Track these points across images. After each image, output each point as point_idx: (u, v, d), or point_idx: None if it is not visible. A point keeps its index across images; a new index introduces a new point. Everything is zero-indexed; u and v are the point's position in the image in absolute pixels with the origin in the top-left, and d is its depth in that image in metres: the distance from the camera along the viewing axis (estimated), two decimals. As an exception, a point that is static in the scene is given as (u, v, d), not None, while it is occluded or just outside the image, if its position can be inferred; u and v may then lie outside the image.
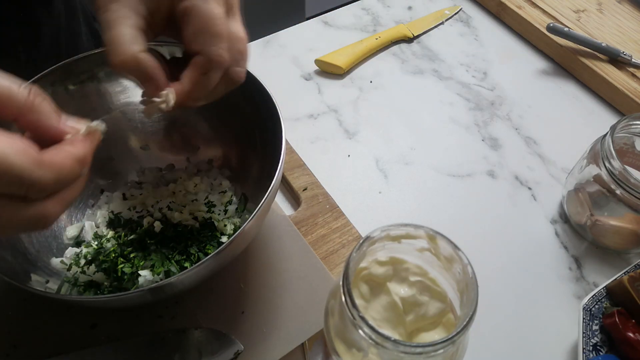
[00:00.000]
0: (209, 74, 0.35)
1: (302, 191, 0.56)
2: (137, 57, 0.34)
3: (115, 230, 0.48)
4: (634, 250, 0.54)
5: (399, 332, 0.35)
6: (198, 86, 0.36)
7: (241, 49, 0.37)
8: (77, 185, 0.30)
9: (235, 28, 0.36)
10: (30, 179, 0.26)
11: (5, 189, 0.26)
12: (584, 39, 0.70)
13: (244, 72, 0.38)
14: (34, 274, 0.42)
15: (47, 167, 0.27)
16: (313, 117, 0.65)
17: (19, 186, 0.26)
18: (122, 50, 0.34)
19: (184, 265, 0.45)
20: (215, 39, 0.35)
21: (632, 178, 0.46)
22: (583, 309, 0.46)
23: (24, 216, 0.27)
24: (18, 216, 0.27)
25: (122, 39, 0.34)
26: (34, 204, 0.28)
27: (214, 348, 0.43)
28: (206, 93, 0.37)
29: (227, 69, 0.36)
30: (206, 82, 0.36)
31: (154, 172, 0.53)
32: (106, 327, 0.45)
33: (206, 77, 0.35)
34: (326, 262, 0.50)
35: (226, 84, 0.37)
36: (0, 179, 0.25)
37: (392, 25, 0.77)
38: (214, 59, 0.35)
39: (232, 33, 0.36)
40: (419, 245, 0.35)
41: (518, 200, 0.58)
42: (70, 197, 0.30)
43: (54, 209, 0.29)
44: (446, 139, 0.64)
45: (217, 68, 0.35)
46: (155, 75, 0.35)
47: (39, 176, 0.27)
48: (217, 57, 0.35)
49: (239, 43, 0.36)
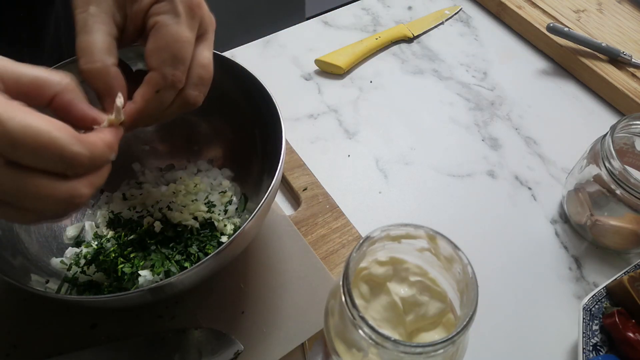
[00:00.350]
0: (162, 92, 0.35)
1: (302, 191, 0.56)
2: (108, 70, 0.34)
3: (115, 230, 0.48)
4: (634, 250, 0.54)
5: (399, 332, 0.35)
6: (150, 105, 0.35)
7: (202, 75, 0.36)
8: (104, 171, 0.32)
9: (202, 54, 0.36)
10: (70, 152, 0.28)
11: (47, 163, 0.28)
12: (584, 39, 0.70)
13: (201, 97, 0.37)
14: (34, 274, 0.42)
15: (84, 144, 0.29)
16: (313, 117, 0.65)
17: (60, 159, 0.28)
18: (95, 58, 0.34)
19: (184, 265, 0.45)
20: (175, 60, 0.34)
21: (632, 178, 0.46)
22: (583, 309, 0.46)
23: (60, 194, 0.29)
24: (57, 192, 0.29)
25: (98, 46, 0.34)
26: (69, 181, 0.29)
27: (214, 348, 0.43)
28: (158, 112, 0.36)
29: (182, 90, 0.36)
30: (158, 101, 0.35)
31: (154, 172, 0.53)
32: (106, 327, 0.45)
33: (159, 95, 0.35)
34: (326, 262, 0.50)
35: (180, 106, 0.37)
36: (44, 152, 0.27)
37: (392, 25, 0.77)
38: (168, 78, 0.34)
39: (196, 58, 0.36)
40: (419, 245, 0.35)
41: (518, 200, 0.58)
42: (98, 182, 0.31)
43: (85, 190, 0.30)
44: (446, 139, 0.64)
45: (171, 88, 0.35)
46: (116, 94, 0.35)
47: (78, 151, 0.28)
48: (171, 76, 0.34)
49: (201, 69, 0.36)
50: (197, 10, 0.35)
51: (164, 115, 0.37)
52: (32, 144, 0.27)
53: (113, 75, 0.35)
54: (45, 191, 0.28)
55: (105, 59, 0.34)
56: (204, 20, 0.37)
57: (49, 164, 0.28)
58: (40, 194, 0.28)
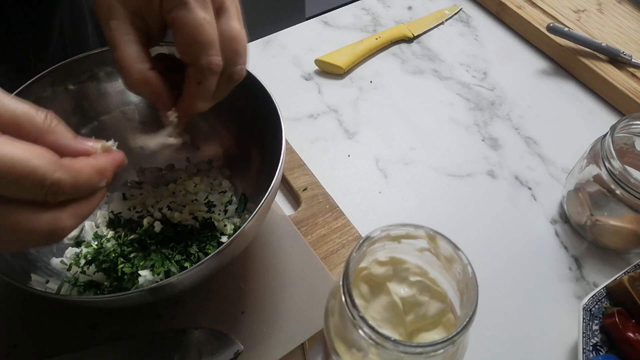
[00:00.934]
0: (203, 83, 0.35)
1: (302, 191, 0.56)
2: (145, 77, 0.35)
3: (115, 230, 0.48)
4: (634, 250, 0.54)
5: (399, 332, 0.35)
6: (197, 97, 0.36)
7: (236, 48, 0.36)
8: (93, 200, 0.30)
9: (228, 27, 0.36)
10: (51, 178, 0.26)
11: (27, 193, 0.26)
12: (584, 39, 0.70)
13: (243, 69, 0.37)
14: (34, 274, 0.42)
15: (66, 169, 0.27)
16: (313, 117, 0.65)
17: (41, 187, 0.26)
18: (131, 71, 0.35)
19: (184, 265, 0.45)
20: (202, 47, 0.34)
21: (632, 178, 0.46)
22: (583, 309, 0.46)
23: (42, 225, 0.27)
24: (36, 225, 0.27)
25: (129, 59, 0.35)
26: (51, 212, 0.28)
27: (214, 348, 0.43)
28: (207, 99, 0.37)
29: (223, 71, 0.36)
30: (203, 90, 0.36)
31: (154, 172, 0.53)
32: (106, 327, 0.45)
33: (202, 86, 0.36)
34: (326, 262, 0.50)
35: (227, 84, 0.37)
36: (23, 181, 0.26)
37: (392, 25, 0.77)
38: (204, 68, 0.35)
39: (223, 34, 0.36)
40: (419, 245, 0.35)
41: (518, 200, 0.58)
42: (85, 212, 0.30)
43: (69, 221, 0.29)
44: (446, 139, 0.64)
45: (211, 75, 0.35)
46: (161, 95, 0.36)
47: (59, 177, 0.27)
48: (206, 65, 0.35)
49: (233, 42, 0.36)
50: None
51: (215, 97, 0.38)
52: (9, 174, 0.25)
53: (151, 82, 0.36)
54: (25, 225, 0.27)
55: (139, 68, 0.35)
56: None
57: (28, 193, 0.26)
58: (19, 228, 0.27)
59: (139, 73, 0.35)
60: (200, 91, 0.36)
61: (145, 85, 0.36)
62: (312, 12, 1.69)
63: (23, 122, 0.27)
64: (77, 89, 0.48)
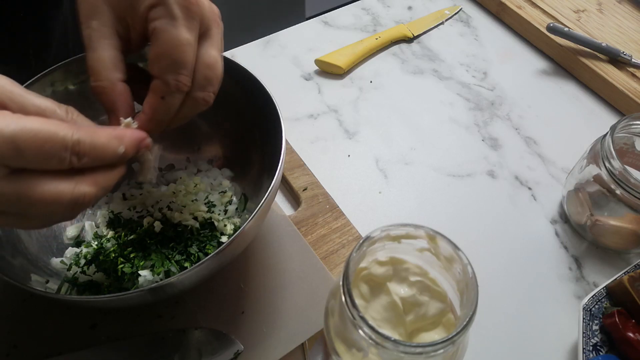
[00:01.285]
0: (167, 98, 0.35)
1: (302, 191, 0.56)
2: (113, 88, 0.35)
3: (115, 230, 0.48)
4: (634, 250, 0.54)
5: (399, 332, 0.35)
6: (158, 111, 0.35)
7: (208, 75, 0.36)
8: (112, 172, 0.32)
9: (206, 54, 0.36)
10: (72, 139, 0.28)
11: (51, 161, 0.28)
12: (584, 39, 0.70)
13: (211, 97, 0.37)
14: (34, 274, 0.42)
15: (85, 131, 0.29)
16: (313, 117, 0.65)
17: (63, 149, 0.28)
18: (102, 76, 0.35)
19: (184, 265, 0.45)
20: (175, 65, 0.34)
21: (632, 178, 0.46)
22: (583, 309, 0.46)
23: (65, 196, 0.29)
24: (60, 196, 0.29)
25: (104, 63, 0.35)
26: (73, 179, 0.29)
27: (214, 348, 0.43)
28: (168, 117, 0.36)
29: (189, 94, 0.36)
30: (165, 107, 0.35)
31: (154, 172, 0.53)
32: (106, 327, 0.45)
33: (164, 101, 0.35)
34: (326, 262, 0.50)
35: (191, 109, 0.37)
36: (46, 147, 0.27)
37: (392, 25, 0.77)
38: (171, 85, 0.34)
39: (200, 59, 0.36)
40: (419, 245, 0.35)
41: (518, 200, 0.58)
42: (105, 181, 0.31)
43: (90, 188, 0.30)
44: (446, 139, 0.64)
45: (176, 93, 0.35)
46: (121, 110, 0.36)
47: (79, 137, 0.28)
48: (174, 82, 0.34)
49: (207, 69, 0.36)
50: (194, 8, 0.35)
51: (178, 119, 0.37)
52: (33, 142, 0.27)
53: (118, 93, 0.35)
54: (50, 195, 0.28)
55: (112, 75, 0.35)
56: (204, 17, 0.36)
57: (54, 160, 0.28)
58: (45, 200, 0.28)
59: (109, 81, 0.35)
60: (162, 106, 0.35)
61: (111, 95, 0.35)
62: (312, 12, 1.69)
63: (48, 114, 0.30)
64: (77, 89, 0.48)
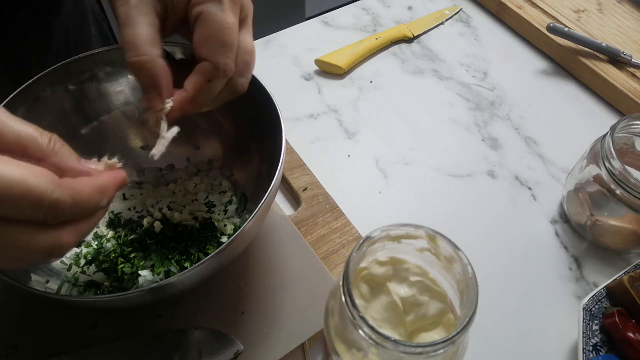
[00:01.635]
0: (213, 81, 0.35)
1: (302, 191, 0.56)
2: (155, 62, 0.34)
3: (115, 230, 0.48)
4: (634, 250, 0.54)
5: (399, 332, 0.35)
6: (201, 93, 0.36)
7: (248, 61, 0.37)
8: (93, 218, 0.30)
9: (246, 39, 0.37)
10: (50, 199, 0.26)
11: (25, 213, 0.26)
12: (584, 39, 0.70)
13: (247, 82, 0.38)
14: (34, 274, 0.42)
15: (66, 189, 0.27)
16: (313, 117, 0.65)
17: (39, 208, 0.26)
18: (142, 50, 0.34)
19: (184, 265, 0.45)
20: (225, 48, 0.35)
21: (632, 178, 0.46)
22: (583, 309, 0.46)
23: (41, 244, 0.27)
24: (35, 244, 0.27)
25: (143, 38, 0.34)
26: (50, 230, 0.27)
27: (214, 348, 0.43)
28: (208, 100, 0.37)
29: (231, 78, 0.36)
30: (209, 89, 0.36)
31: (154, 172, 0.53)
32: (106, 327, 0.45)
33: (210, 84, 0.35)
34: (326, 262, 0.50)
35: (228, 93, 0.37)
36: (20, 202, 0.25)
37: (392, 25, 0.77)
38: (220, 68, 0.35)
39: (241, 44, 0.36)
40: (419, 245, 0.35)
41: (518, 200, 0.58)
42: (86, 230, 0.30)
43: (69, 239, 0.28)
44: (446, 139, 0.64)
45: (222, 77, 0.35)
46: (163, 85, 0.35)
47: (58, 196, 0.26)
48: (223, 65, 0.35)
49: (247, 55, 0.37)
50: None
51: (213, 103, 0.37)
52: (6, 194, 0.25)
53: (160, 68, 0.35)
54: (24, 243, 0.27)
55: (152, 51, 0.34)
56: (244, 5, 0.37)
57: (27, 213, 0.26)
58: (18, 247, 0.27)
59: (149, 56, 0.34)
60: (206, 89, 0.36)
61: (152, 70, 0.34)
62: (312, 12, 1.69)
63: (27, 143, 0.27)
64: (77, 89, 0.48)
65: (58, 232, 0.28)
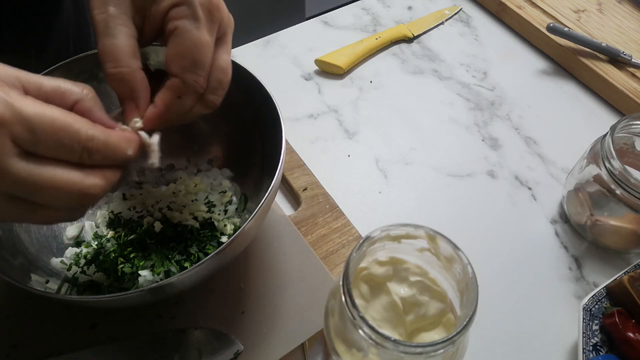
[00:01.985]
0: (183, 98, 0.35)
1: (302, 191, 0.56)
2: (135, 75, 0.35)
3: (115, 230, 0.48)
4: (634, 250, 0.54)
5: (399, 332, 0.35)
6: (170, 109, 0.36)
7: (221, 79, 0.37)
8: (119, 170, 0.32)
9: (222, 57, 0.37)
10: (86, 134, 0.29)
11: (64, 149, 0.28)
12: (584, 39, 0.70)
13: (219, 100, 0.38)
14: (34, 274, 0.42)
15: (99, 129, 0.30)
16: (313, 117, 0.65)
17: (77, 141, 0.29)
18: (122, 62, 0.34)
19: (184, 265, 0.45)
20: (196, 66, 0.34)
21: (632, 178, 0.46)
22: (583, 309, 0.46)
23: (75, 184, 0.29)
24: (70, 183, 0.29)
25: (123, 50, 0.34)
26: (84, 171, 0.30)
27: (214, 348, 0.43)
28: (178, 116, 0.37)
29: (203, 95, 0.36)
30: (179, 105, 0.36)
31: (154, 172, 0.53)
32: (106, 327, 0.45)
33: (179, 101, 0.35)
34: (326, 262, 0.50)
35: (200, 109, 0.37)
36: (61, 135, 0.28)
37: (392, 25, 0.77)
38: (190, 85, 0.35)
39: (215, 62, 0.36)
40: (419, 245, 0.35)
41: (518, 200, 0.58)
42: (114, 178, 0.32)
43: (100, 181, 0.31)
44: (446, 139, 0.64)
45: (192, 94, 0.35)
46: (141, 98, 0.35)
47: (94, 134, 0.30)
48: (193, 83, 0.35)
49: (221, 73, 0.37)
50: (216, 13, 0.35)
51: (184, 118, 0.37)
52: (49, 128, 0.27)
53: (140, 80, 0.35)
54: (60, 181, 0.28)
55: (132, 63, 0.34)
56: (222, 22, 0.37)
57: (65, 149, 0.28)
58: (55, 184, 0.28)
59: (129, 68, 0.34)
60: (176, 105, 0.35)
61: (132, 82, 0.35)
62: (312, 12, 1.69)
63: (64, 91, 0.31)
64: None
65: (91, 174, 0.30)
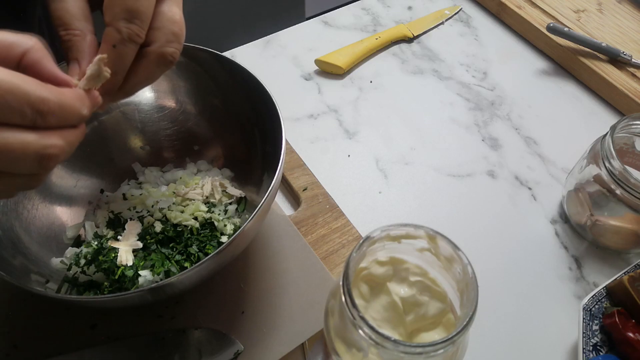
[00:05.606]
0: (118, 47, 0.33)
1: (302, 191, 0.56)
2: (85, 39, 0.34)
3: (115, 230, 0.48)
4: (634, 250, 0.54)
5: (399, 332, 0.35)
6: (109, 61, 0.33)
7: (175, 31, 0.35)
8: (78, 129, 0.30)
9: (170, 9, 0.35)
10: (36, 96, 0.27)
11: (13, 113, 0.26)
12: (584, 39, 0.70)
13: (176, 53, 0.36)
14: (34, 274, 0.42)
15: (50, 88, 0.28)
16: (313, 117, 0.65)
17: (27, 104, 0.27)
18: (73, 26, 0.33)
19: (184, 265, 0.45)
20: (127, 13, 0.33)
21: (632, 178, 0.46)
22: (583, 309, 0.46)
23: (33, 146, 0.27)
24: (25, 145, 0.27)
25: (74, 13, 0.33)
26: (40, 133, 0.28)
27: (214, 348, 0.43)
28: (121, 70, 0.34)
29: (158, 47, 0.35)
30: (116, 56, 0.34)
31: (154, 172, 0.53)
32: (106, 327, 0.45)
33: (115, 50, 0.33)
34: (326, 262, 0.50)
35: (158, 65, 0.36)
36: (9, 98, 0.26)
37: (392, 25, 0.77)
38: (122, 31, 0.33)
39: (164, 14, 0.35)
40: (419, 245, 0.35)
41: (518, 200, 0.58)
42: (73, 137, 0.30)
43: (58, 141, 0.28)
44: (446, 139, 0.64)
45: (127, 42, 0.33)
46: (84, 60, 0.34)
47: (45, 96, 0.27)
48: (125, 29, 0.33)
49: (173, 25, 0.35)
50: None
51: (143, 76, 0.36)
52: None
53: (89, 44, 0.34)
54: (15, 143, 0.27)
55: (83, 25, 0.34)
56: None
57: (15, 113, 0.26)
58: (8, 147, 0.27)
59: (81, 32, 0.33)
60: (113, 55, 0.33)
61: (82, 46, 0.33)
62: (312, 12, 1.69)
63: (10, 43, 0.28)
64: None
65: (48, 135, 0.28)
